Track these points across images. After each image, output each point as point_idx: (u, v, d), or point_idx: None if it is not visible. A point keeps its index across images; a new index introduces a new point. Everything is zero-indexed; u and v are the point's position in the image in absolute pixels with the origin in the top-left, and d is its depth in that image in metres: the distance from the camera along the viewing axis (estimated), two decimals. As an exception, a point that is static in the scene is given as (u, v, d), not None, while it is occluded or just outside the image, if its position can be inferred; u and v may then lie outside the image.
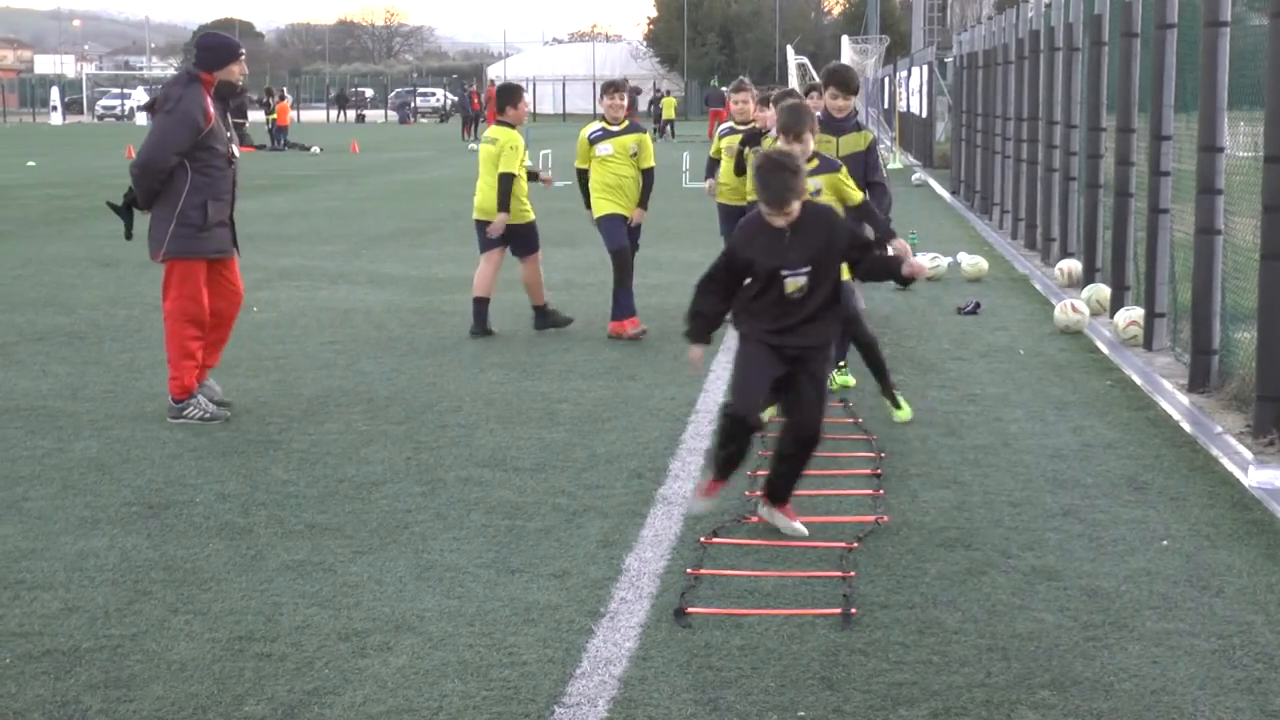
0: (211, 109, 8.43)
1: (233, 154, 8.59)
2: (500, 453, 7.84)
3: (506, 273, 15.77)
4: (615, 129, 11.78)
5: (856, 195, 8.44)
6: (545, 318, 11.96)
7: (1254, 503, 6.90)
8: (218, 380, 8.99)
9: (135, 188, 8.51)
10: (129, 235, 8.87)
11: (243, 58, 8.68)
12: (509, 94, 12.00)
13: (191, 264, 8.50)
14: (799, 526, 6.42)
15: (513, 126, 11.76)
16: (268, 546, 6.20)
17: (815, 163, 8.11)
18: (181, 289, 8.50)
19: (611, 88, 11.94)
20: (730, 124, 12.28)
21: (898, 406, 8.54)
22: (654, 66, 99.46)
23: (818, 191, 7.89)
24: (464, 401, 9.13)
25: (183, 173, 8.39)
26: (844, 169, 8.46)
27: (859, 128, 9.26)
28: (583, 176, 12.25)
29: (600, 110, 12.15)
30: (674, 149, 41.78)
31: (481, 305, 11.66)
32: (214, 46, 8.63)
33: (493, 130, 11.83)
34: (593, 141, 11.92)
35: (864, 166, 9.03)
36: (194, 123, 8.34)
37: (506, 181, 11.60)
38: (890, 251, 7.77)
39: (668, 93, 65.51)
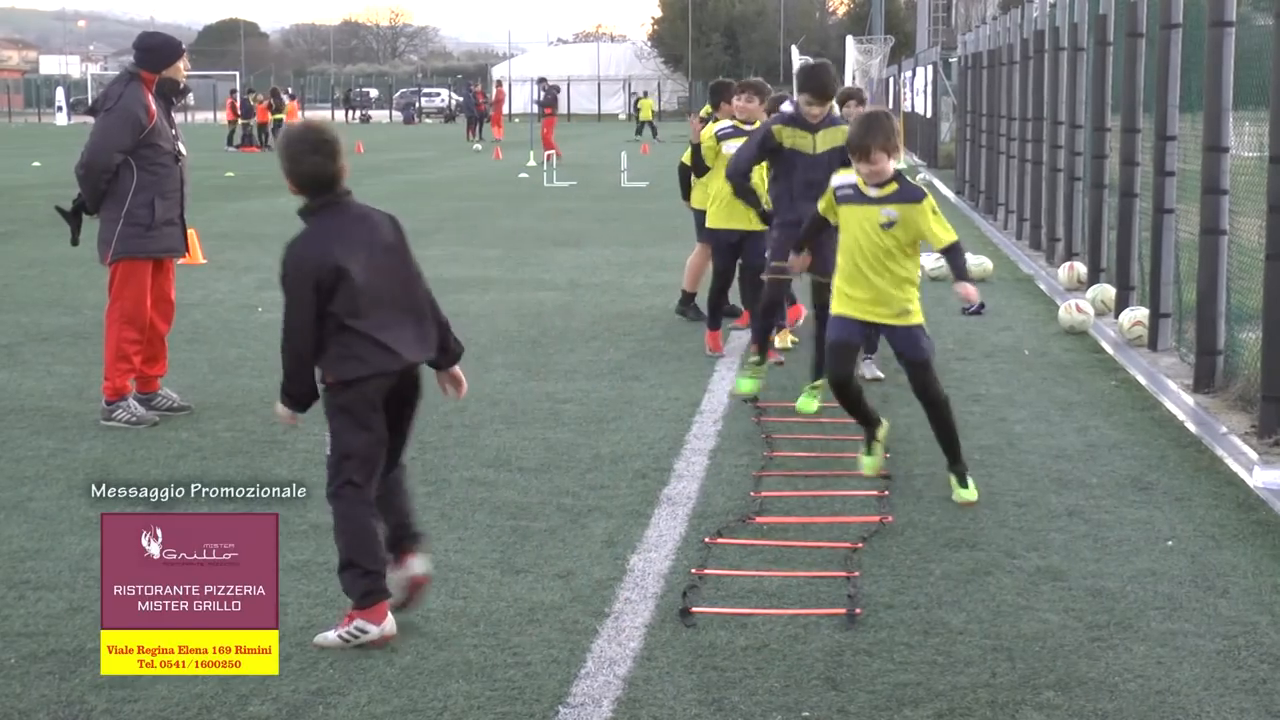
0: (154, 107, 8.44)
1: (180, 152, 8.58)
2: (505, 453, 7.84)
3: (511, 272, 15.80)
4: (748, 128, 10.53)
5: (944, 236, 6.93)
6: (688, 306, 12.30)
7: (1259, 503, 6.89)
8: (218, 378, 8.99)
9: (81, 189, 8.51)
10: (75, 241, 8.83)
11: (185, 56, 8.69)
12: (723, 91, 11.87)
13: (137, 264, 8.48)
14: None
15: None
16: (272, 547, 6.20)
17: (894, 187, 6.91)
18: (124, 290, 8.49)
19: (750, 88, 10.81)
20: (733, 124, 10.84)
21: (963, 485, 6.93)
22: (658, 67, 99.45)
23: (890, 224, 6.89)
24: (468, 402, 9.11)
25: (128, 172, 8.40)
26: (928, 199, 6.97)
27: (834, 123, 8.91)
28: (688, 172, 11.71)
29: (734, 110, 11.01)
30: (679, 149, 41.76)
31: (690, 297, 12.23)
32: (155, 47, 8.63)
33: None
34: (720, 138, 10.82)
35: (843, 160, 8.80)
36: (135, 120, 8.34)
37: (684, 172, 11.86)
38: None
39: (645, 94, 65.26)
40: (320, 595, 5.62)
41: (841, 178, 7.15)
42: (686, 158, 11.66)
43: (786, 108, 9.59)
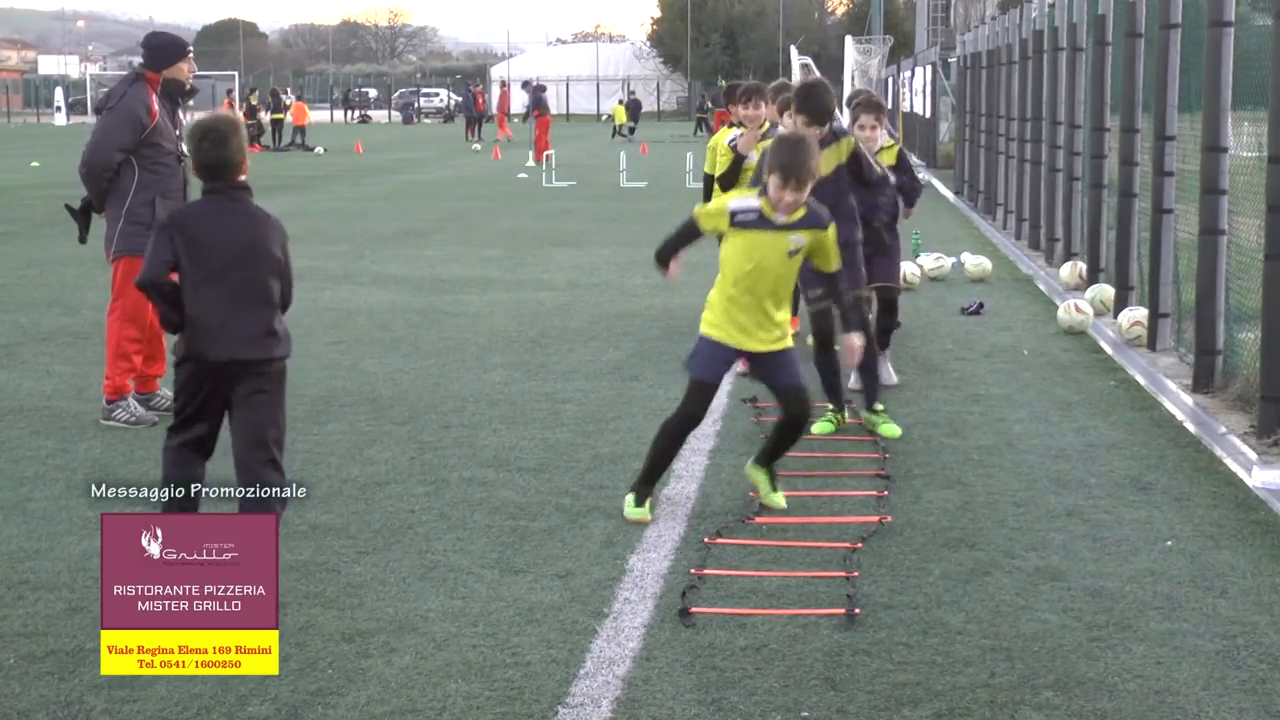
0: (157, 107, 8.45)
1: (182, 152, 8.57)
2: (504, 453, 7.84)
3: (510, 273, 15.80)
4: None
5: (835, 260, 6.90)
6: None
7: (1258, 503, 6.90)
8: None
9: (84, 187, 8.53)
10: (83, 239, 8.86)
11: (190, 56, 8.69)
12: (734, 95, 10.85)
13: (138, 262, 8.42)
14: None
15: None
16: (271, 547, 6.20)
17: (802, 212, 6.66)
18: (126, 288, 8.49)
19: (755, 93, 10.25)
20: (743, 132, 10.37)
21: (774, 489, 6.90)
22: (657, 67, 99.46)
23: (796, 251, 6.67)
24: (468, 402, 9.13)
25: (130, 171, 8.42)
26: (831, 227, 6.80)
27: (837, 136, 8.28)
28: (713, 182, 10.69)
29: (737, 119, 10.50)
30: (678, 148, 41.78)
31: None
32: (159, 45, 8.65)
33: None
34: (732, 146, 10.38)
35: (852, 176, 8.30)
36: (136, 120, 8.36)
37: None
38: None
39: (621, 101, 65.19)
40: (320, 595, 5.62)
41: (741, 201, 6.67)
42: (711, 166, 10.79)
43: (783, 128, 9.22)
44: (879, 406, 8.34)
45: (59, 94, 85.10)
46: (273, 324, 5.73)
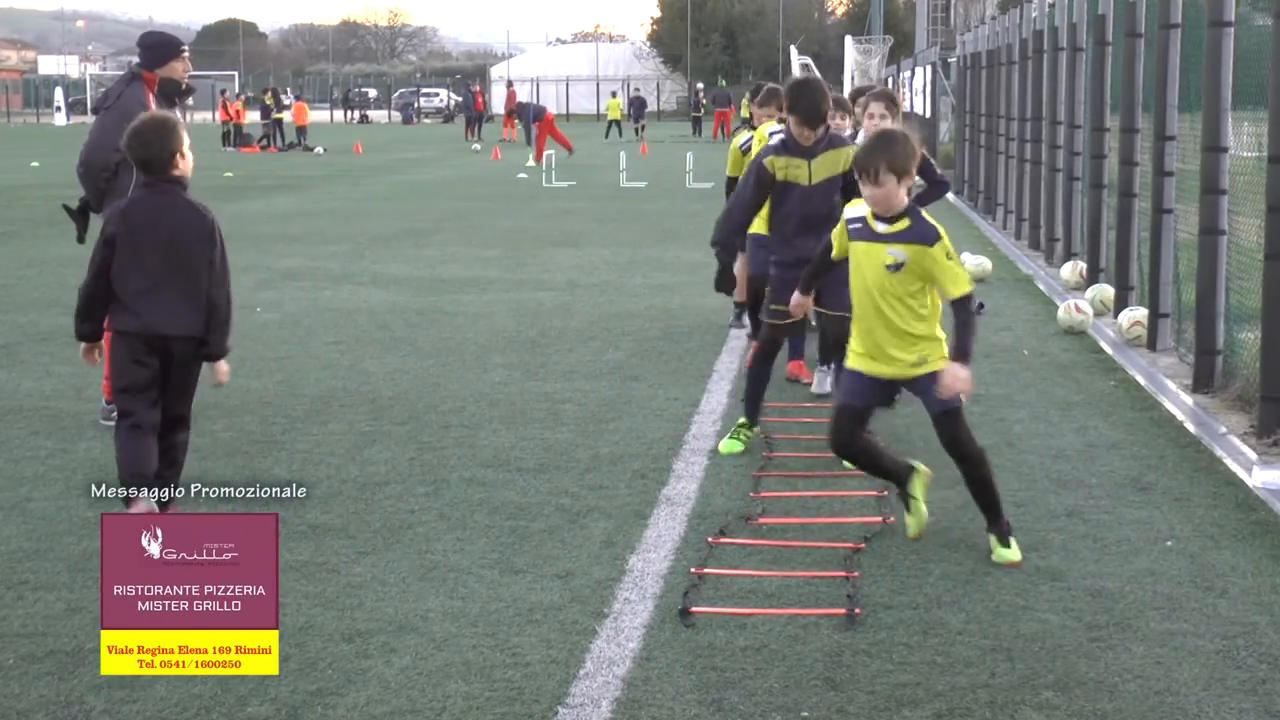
0: (154, 106, 8.40)
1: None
2: (504, 453, 7.84)
3: (509, 273, 15.79)
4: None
5: (955, 288, 6.09)
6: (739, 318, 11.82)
7: (1258, 503, 6.89)
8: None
9: (82, 187, 8.51)
10: (81, 239, 8.83)
11: (185, 55, 8.64)
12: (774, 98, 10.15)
13: None
14: None
15: None
16: (271, 547, 6.20)
17: (905, 223, 6.09)
18: None
19: (775, 98, 9.72)
20: (754, 135, 10.04)
21: (1005, 544, 6.11)
22: (657, 67, 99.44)
23: (897, 267, 6.09)
24: (467, 402, 9.13)
25: (128, 171, 8.33)
26: (943, 240, 6.09)
27: (834, 144, 7.78)
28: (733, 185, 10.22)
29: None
30: (678, 149, 41.78)
31: (744, 307, 11.52)
32: (154, 44, 8.63)
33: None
34: (745, 151, 9.96)
35: (846, 190, 7.62)
36: (133, 118, 8.30)
37: None
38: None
39: (614, 94, 65.21)
40: (319, 596, 5.62)
41: (854, 209, 6.28)
42: (732, 169, 10.49)
43: (775, 128, 8.95)
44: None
45: (59, 94, 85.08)
46: (192, 303, 6.25)
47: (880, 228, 6.11)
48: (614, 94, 65.38)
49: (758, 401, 7.96)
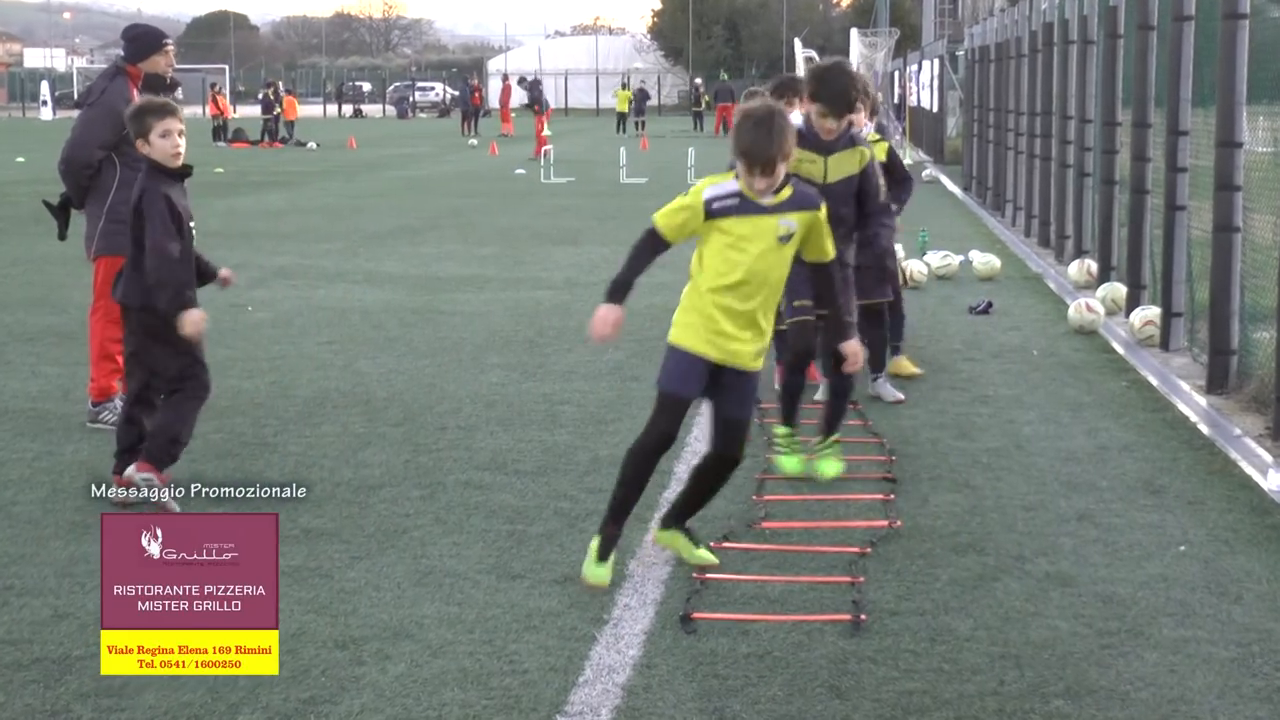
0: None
1: None
2: (501, 455, 7.84)
3: (507, 271, 15.79)
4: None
5: (830, 249, 6.08)
6: None
7: (1274, 507, 6.90)
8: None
9: (64, 184, 8.51)
10: (62, 236, 8.85)
11: (167, 48, 8.62)
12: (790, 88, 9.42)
13: (120, 261, 8.42)
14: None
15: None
16: (263, 552, 6.20)
17: (788, 192, 5.88)
18: (108, 287, 8.41)
19: (788, 89, 9.11)
20: None
21: (697, 545, 6.17)
22: (658, 60, 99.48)
23: (788, 237, 5.85)
24: (464, 403, 9.13)
25: (111, 168, 8.39)
26: (824, 208, 6.02)
27: (854, 142, 7.49)
28: None
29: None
30: (679, 144, 41.79)
31: None
32: (135, 37, 8.62)
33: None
34: None
35: (860, 193, 7.50)
36: (117, 116, 8.28)
37: None
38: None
39: (624, 85, 65.09)
40: (312, 601, 5.62)
41: (716, 187, 5.83)
42: None
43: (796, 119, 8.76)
44: (835, 437, 7.50)
45: (45, 88, 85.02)
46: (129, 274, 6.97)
47: (766, 200, 5.78)
48: (624, 84, 65.21)
49: (795, 407, 7.69)
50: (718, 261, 5.84)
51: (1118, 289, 12.74)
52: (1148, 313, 11.30)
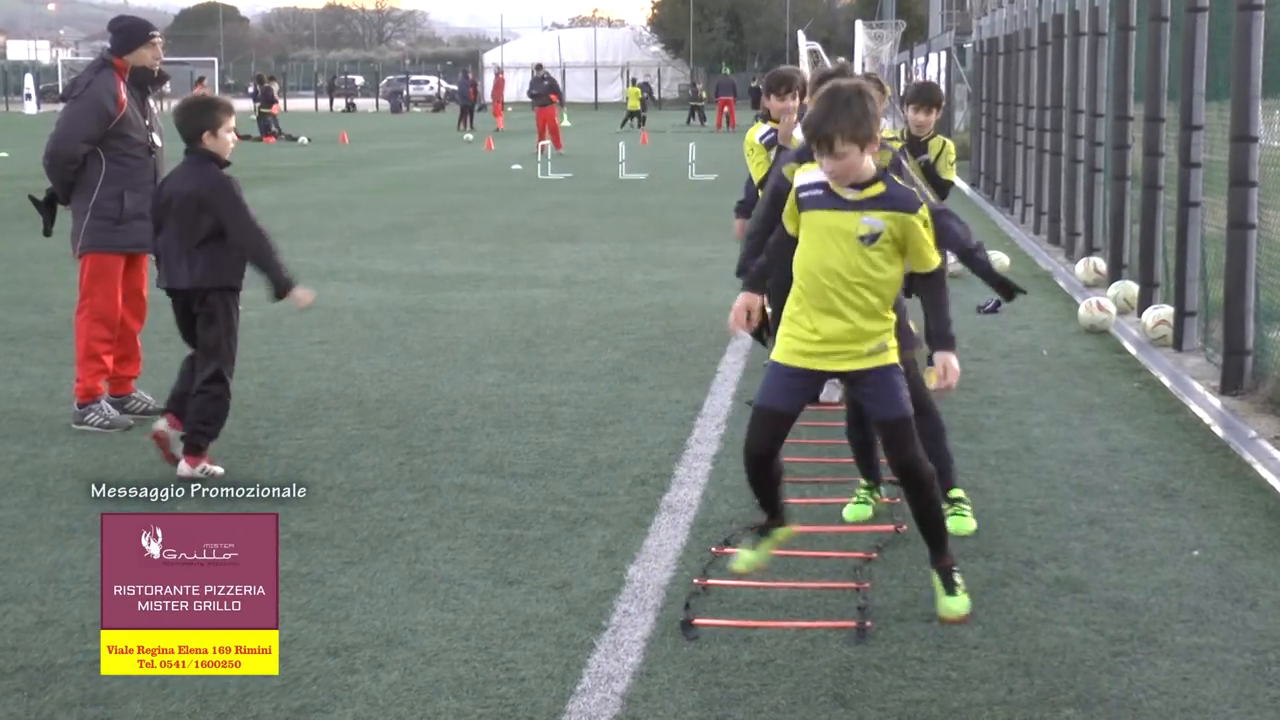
0: (124, 95, 8.39)
1: (153, 143, 8.54)
2: (497, 458, 7.84)
3: (503, 269, 15.80)
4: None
5: (932, 256, 5.61)
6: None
7: (1289, 511, 6.90)
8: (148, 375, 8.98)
9: (49, 179, 8.51)
10: (47, 232, 8.85)
11: (154, 40, 8.60)
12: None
13: (107, 259, 8.47)
14: None
15: None
16: (253, 557, 6.20)
17: (880, 188, 5.47)
18: (94, 286, 8.48)
19: (782, 82, 8.95)
20: (771, 127, 9.05)
21: (949, 591, 5.59)
22: (658, 53, 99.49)
23: (873, 238, 5.44)
24: (459, 404, 9.13)
25: (96, 162, 8.38)
26: (925, 207, 5.57)
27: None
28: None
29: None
30: (680, 139, 41.80)
31: None
32: (122, 29, 8.60)
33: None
34: (767, 145, 9.06)
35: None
36: (102, 109, 8.31)
37: None
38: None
39: (635, 81, 65.22)
40: (304, 608, 5.62)
41: (806, 174, 5.56)
42: (757, 169, 9.23)
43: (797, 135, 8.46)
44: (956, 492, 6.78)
45: (29, 81, 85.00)
46: (193, 260, 7.37)
47: (849, 194, 5.43)
48: (634, 81, 65.36)
49: (873, 460, 6.92)
50: (802, 258, 5.52)
51: (1130, 287, 12.74)
52: (1160, 312, 11.30)
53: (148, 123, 8.56)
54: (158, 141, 8.62)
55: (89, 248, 8.44)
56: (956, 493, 6.68)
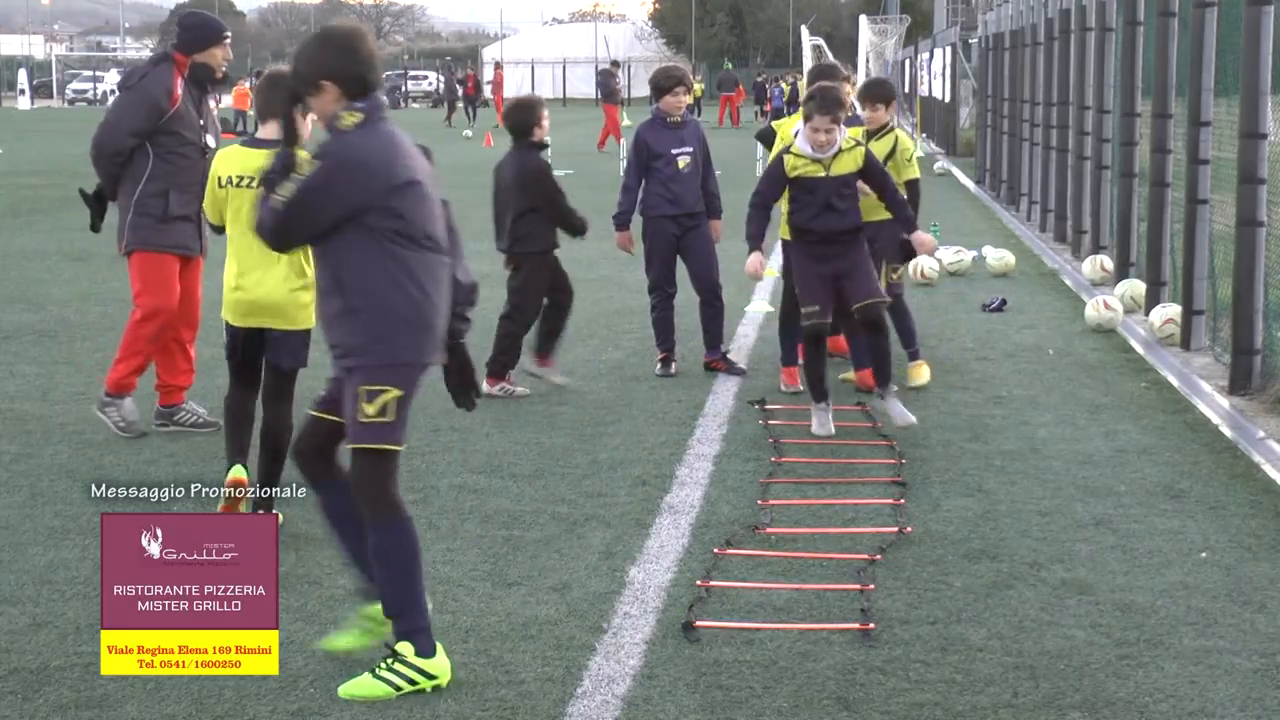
0: (179, 91, 8.16)
1: (206, 145, 8.25)
2: (496, 458, 7.85)
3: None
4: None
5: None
6: None
7: (1298, 512, 6.91)
8: (197, 380, 8.90)
9: (95, 171, 8.37)
10: (95, 227, 8.68)
11: (226, 41, 8.37)
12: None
13: (155, 256, 8.18)
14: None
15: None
16: (249, 558, 6.20)
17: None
18: (145, 283, 8.22)
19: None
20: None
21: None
22: (660, 48, 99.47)
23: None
24: (458, 404, 9.11)
25: (144, 157, 8.14)
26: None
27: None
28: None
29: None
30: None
31: None
32: (194, 26, 8.38)
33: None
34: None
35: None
36: (154, 103, 8.09)
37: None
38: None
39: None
40: (300, 609, 5.62)
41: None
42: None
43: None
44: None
45: (23, 76, 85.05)
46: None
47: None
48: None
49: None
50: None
51: (1137, 286, 12.74)
52: (1168, 310, 11.30)
53: (203, 123, 8.30)
54: (211, 143, 8.30)
55: (134, 246, 8.18)
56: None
